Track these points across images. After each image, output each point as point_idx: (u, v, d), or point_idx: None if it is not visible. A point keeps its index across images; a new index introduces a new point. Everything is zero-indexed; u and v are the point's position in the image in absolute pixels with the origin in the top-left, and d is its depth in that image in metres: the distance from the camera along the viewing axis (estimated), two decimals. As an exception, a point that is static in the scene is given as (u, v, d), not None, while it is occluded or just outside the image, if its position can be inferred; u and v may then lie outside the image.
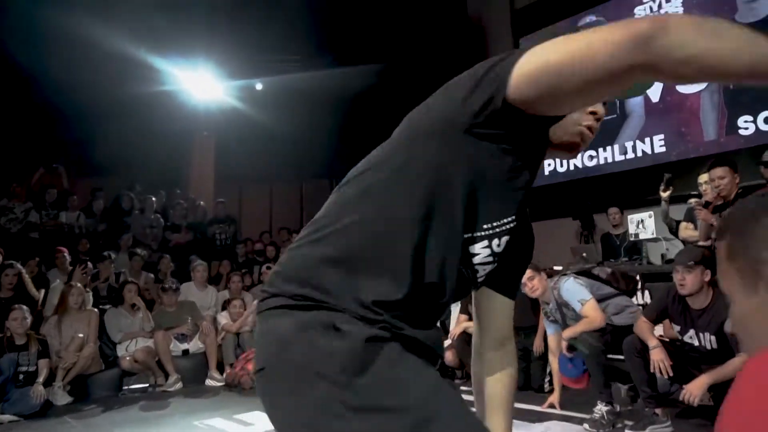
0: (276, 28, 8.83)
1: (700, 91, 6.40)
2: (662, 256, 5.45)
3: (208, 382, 5.21)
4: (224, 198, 10.08)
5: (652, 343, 2.91)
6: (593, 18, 7.44)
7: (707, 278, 2.86)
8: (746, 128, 6.02)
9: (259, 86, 9.80)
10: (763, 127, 5.91)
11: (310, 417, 0.85)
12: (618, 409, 3.28)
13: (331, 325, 0.88)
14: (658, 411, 3.11)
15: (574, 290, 3.40)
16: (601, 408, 3.17)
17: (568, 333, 3.46)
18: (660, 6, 6.80)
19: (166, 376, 5.04)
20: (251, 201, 11.97)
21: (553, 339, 3.70)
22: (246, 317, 5.57)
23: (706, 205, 4.01)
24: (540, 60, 0.85)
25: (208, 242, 7.82)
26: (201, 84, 9.09)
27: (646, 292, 4.81)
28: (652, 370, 2.93)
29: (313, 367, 0.86)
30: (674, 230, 5.28)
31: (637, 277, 4.59)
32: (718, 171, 3.86)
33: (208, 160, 11.29)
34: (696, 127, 6.42)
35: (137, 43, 7.68)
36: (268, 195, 12.28)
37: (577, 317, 3.44)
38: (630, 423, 3.15)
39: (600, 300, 3.40)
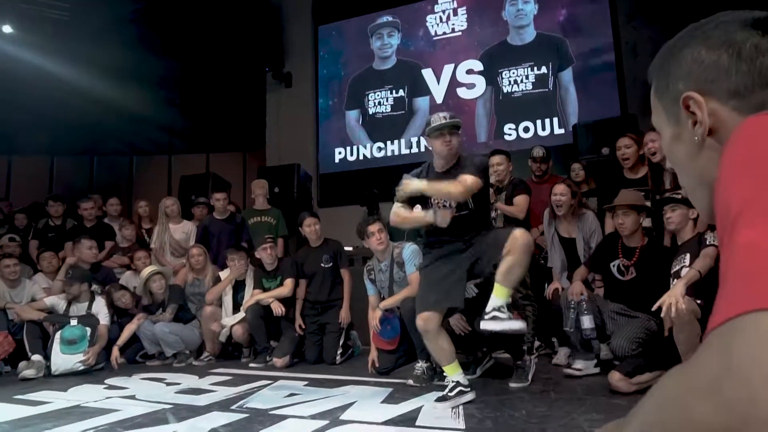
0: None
1: (476, 98, 7.20)
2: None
3: None
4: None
5: None
6: (389, 18, 7.84)
7: None
8: (510, 135, 6.95)
9: (7, 29, 8.04)
10: (522, 135, 6.89)
11: None
12: (434, 365, 3.46)
13: None
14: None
15: (416, 255, 3.65)
16: (421, 365, 3.41)
17: (385, 303, 3.68)
18: (449, 17, 7.47)
19: None
20: None
21: (373, 298, 3.89)
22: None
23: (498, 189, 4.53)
24: None
25: None
26: None
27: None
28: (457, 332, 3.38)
29: None
30: (453, 216, 5.82)
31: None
32: (496, 158, 4.45)
33: None
34: (471, 130, 7.19)
35: None
36: (4, 169, 10.01)
37: (404, 281, 3.66)
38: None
39: None
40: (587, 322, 3.20)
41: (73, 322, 4.24)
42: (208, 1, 7.81)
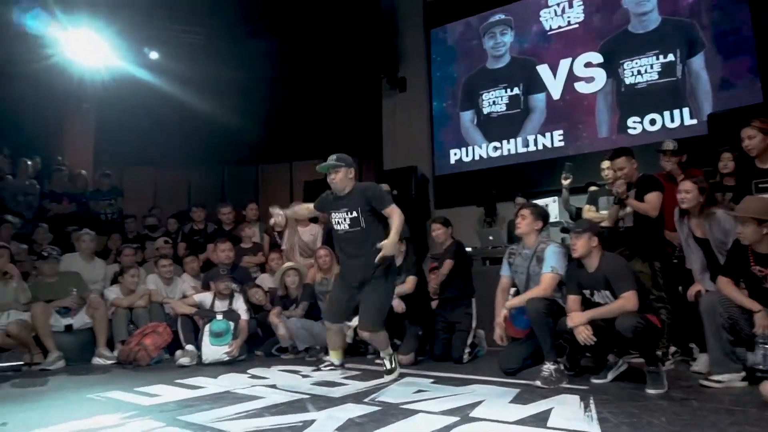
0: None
1: (596, 92, 6.91)
2: (562, 240, 5.76)
3: (96, 360, 4.64)
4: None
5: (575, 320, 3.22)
6: (502, 16, 7.76)
7: (594, 243, 3.33)
8: (634, 128, 6.60)
9: (154, 55, 8.95)
10: (648, 128, 6.51)
11: None
12: (563, 368, 3.43)
13: None
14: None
15: (557, 257, 3.55)
16: (549, 367, 3.33)
17: (511, 303, 3.62)
18: (564, 10, 7.25)
19: (45, 353, 4.42)
20: (132, 186, 10.73)
21: (505, 280, 3.85)
22: (143, 294, 5.06)
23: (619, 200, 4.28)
24: None
25: (92, 215, 7.05)
26: (84, 49, 7.93)
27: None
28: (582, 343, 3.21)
29: None
30: (573, 216, 5.61)
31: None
32: (618, 163, 4.21)
33: (87, 138, 10.10)
34: (591, 125, 6.92)
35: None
36: (152, 181, 11.11)
37: (537, 277, 3.58)
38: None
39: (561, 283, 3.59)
40: None
41: (219, 316, 4.69)
42: (325, 18, 8.20)
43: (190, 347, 4.57)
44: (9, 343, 4.35)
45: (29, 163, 6.67)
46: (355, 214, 3.53)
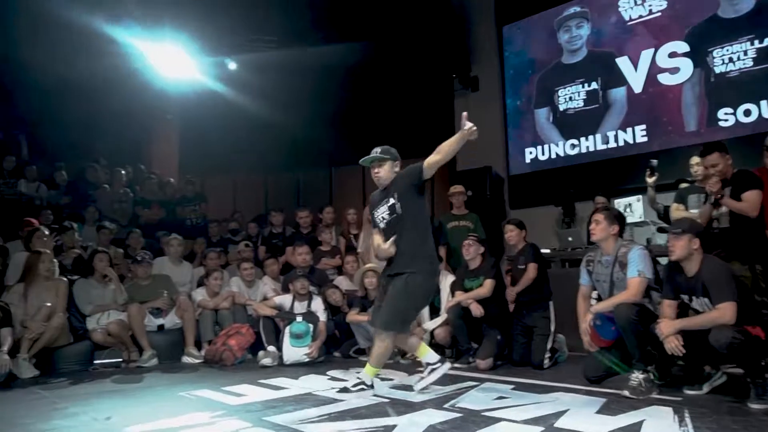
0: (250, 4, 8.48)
1: (682, 83, 6.53)
2: (648, 240, 5.48)
3: (185, 359, 4.90)
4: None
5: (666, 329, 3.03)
6: (577, 9, 7.49)
7: (695, 246, 3.05)
8: (726, 120, 6.17)
9: (232, 65, 9.28)
10: (742, 119, 6.06)
11: None
12: (652, 377, 3.24)
13: None
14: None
15: (642, 260, 3.36)
16: (638, 376, 3.17)
17: (598, 308, 3.45)
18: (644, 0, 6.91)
19: (140, 351, 4.72)
20: (214, 193, 11.21)
21: (585, 288, 3.70)
22: (227, 296, 5.28)
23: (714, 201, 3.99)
24: None
25: (178, 221, 7.46)
26: (167, 61, 8.36)
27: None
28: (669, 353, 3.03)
29: None
30: (662, 215, 5.33)
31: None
32: (711, 159, 3.89)
33: (172, 148, 10.67)
34: (677, 119, 6.54)
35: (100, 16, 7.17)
36: (231, 188, 11.54)
37: (622, 283, 3.39)
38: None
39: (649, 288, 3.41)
40: None
41: (299, 318, 4.82)
42: (396, 19, 8.21)
43: (271, 348, 4.73)
44: (109, 341, 4.70)
45: (123, 172, 7.14)
46: (392, 201, 3.38)
